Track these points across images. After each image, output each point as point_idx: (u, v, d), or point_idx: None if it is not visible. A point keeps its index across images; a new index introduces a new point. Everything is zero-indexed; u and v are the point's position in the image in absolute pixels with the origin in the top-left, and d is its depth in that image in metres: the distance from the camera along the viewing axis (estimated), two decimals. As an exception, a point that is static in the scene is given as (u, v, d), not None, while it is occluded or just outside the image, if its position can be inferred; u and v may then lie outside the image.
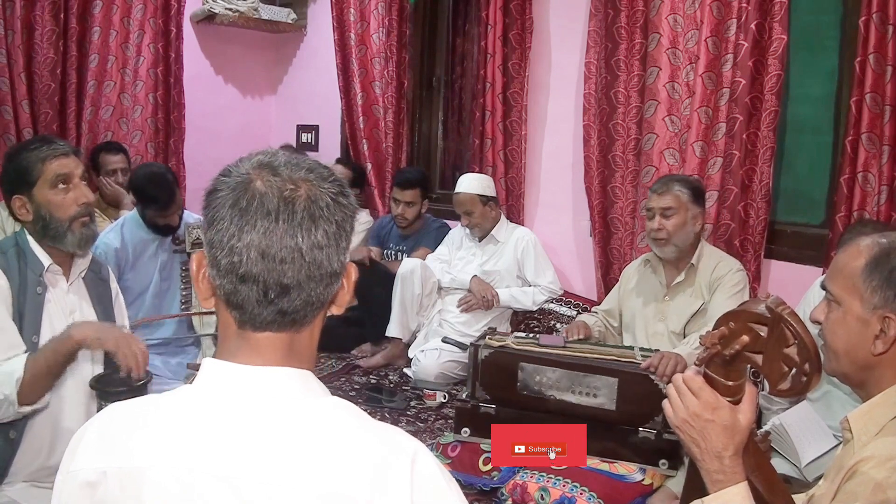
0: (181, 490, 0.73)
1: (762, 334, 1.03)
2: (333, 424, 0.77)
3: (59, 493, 0.81)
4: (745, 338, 1.03)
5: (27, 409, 1.57)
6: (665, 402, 1.08)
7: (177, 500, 0.73)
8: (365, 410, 0.82)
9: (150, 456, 0.75)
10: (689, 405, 1.04)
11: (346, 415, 0.79)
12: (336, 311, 0.85)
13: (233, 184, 0.77)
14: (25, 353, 1.59)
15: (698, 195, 2.47)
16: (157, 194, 2.76)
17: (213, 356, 0.82)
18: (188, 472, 0.73)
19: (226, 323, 0.81)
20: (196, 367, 2.52)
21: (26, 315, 1.63)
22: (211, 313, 2.86)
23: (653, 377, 2.20)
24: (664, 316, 2.54)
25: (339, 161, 4.37)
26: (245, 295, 0.77)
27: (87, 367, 1.73)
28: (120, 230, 2.84)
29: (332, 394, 0.83)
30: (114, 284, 1.91)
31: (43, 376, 1.56)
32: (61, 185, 1.66)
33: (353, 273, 0.84)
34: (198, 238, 2.89)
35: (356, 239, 3.80)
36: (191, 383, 0.81)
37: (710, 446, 1.01)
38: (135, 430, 0.78)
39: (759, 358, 1.04)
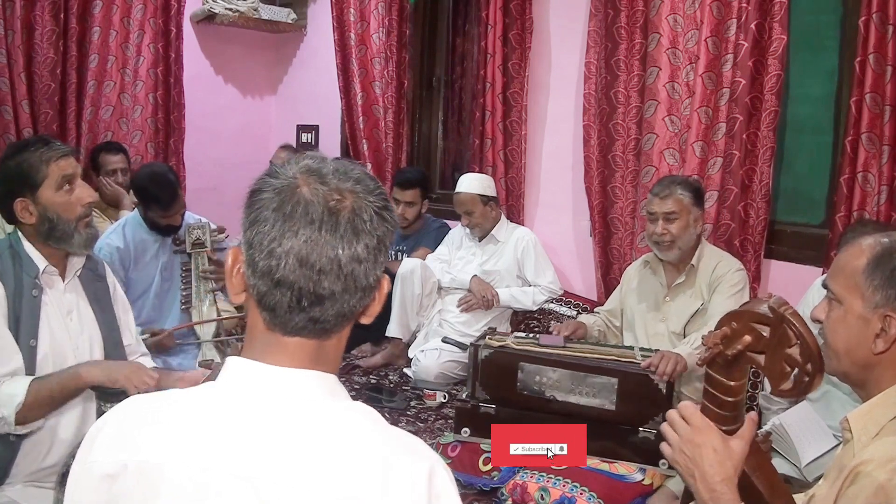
0: (197, 488, 0.73)
1: (765, 334, 1.03)
2: (351, 429, 0.77)
3: (76, 483, 0.79)
4: (748, 338, 1.03)
5: (22, 430, 1.57)
6: (662, 444, 1.10)
7: (193, 497, 0.73)
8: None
9: (170, 451, 0.75)
10: (681, 431, 1.06)
11: (364, 420, 0.79)
12: (366, 321, 0.85)
13: (278, 186, 0.77)
14: (23, 356, 1.59)
15: (699, 197, 2.47)
16: (159, 194, 2.75)
17: (239, 354, 0.82)
18: (203, 471, 0.73)
19: (254, 322, 0.81)
20: (207, 365, 2.52)
21: (23, 319, 1.62)
22: (211, 321, 2.86)
23: (653, 377, 2.20)
24: (665, 316, 2.53)
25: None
26: (278, 299, 0.77)
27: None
28: (122, 230, 2.84)
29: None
30: (111, 279, 1.90)
31: (44, 405, 1.57)
32: (66, 186, 1.66)
33: (386, 286, 0.84)
34: (198, 238, 2.89)
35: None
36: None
37: (702, 474, 1.02)
38: (156, 424, 0.77)
39: (761, 358, 1.04)
